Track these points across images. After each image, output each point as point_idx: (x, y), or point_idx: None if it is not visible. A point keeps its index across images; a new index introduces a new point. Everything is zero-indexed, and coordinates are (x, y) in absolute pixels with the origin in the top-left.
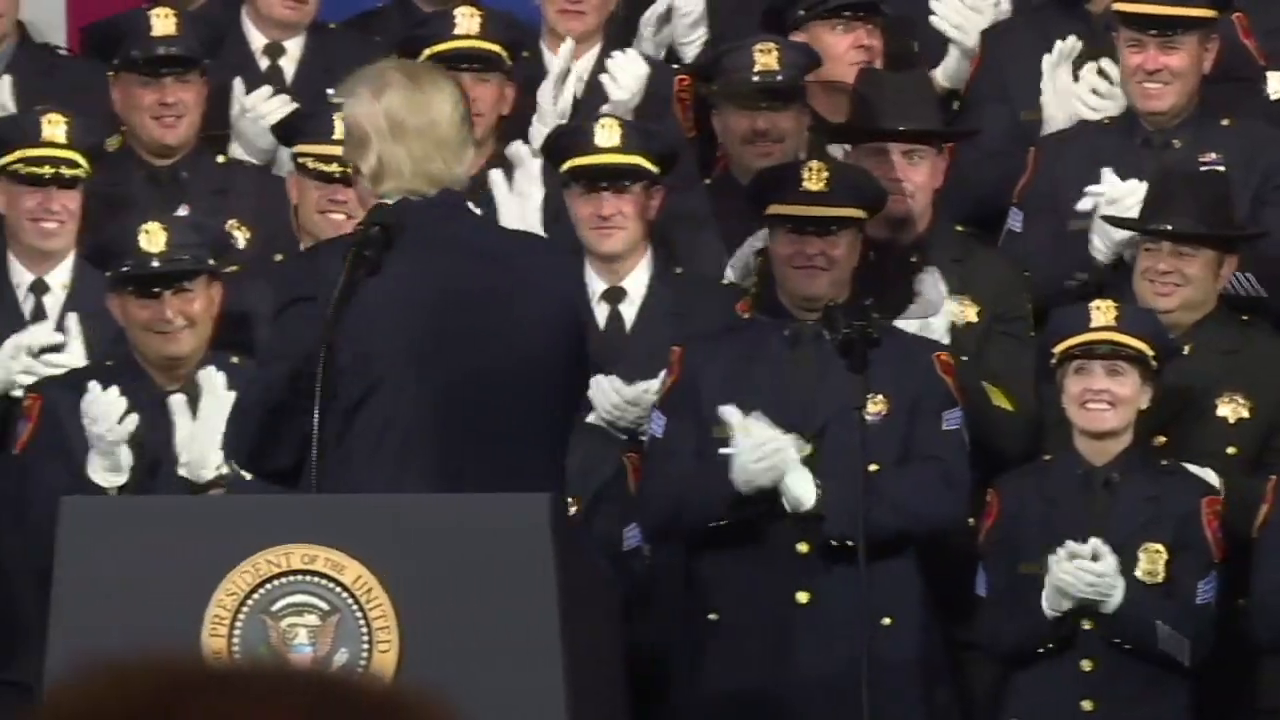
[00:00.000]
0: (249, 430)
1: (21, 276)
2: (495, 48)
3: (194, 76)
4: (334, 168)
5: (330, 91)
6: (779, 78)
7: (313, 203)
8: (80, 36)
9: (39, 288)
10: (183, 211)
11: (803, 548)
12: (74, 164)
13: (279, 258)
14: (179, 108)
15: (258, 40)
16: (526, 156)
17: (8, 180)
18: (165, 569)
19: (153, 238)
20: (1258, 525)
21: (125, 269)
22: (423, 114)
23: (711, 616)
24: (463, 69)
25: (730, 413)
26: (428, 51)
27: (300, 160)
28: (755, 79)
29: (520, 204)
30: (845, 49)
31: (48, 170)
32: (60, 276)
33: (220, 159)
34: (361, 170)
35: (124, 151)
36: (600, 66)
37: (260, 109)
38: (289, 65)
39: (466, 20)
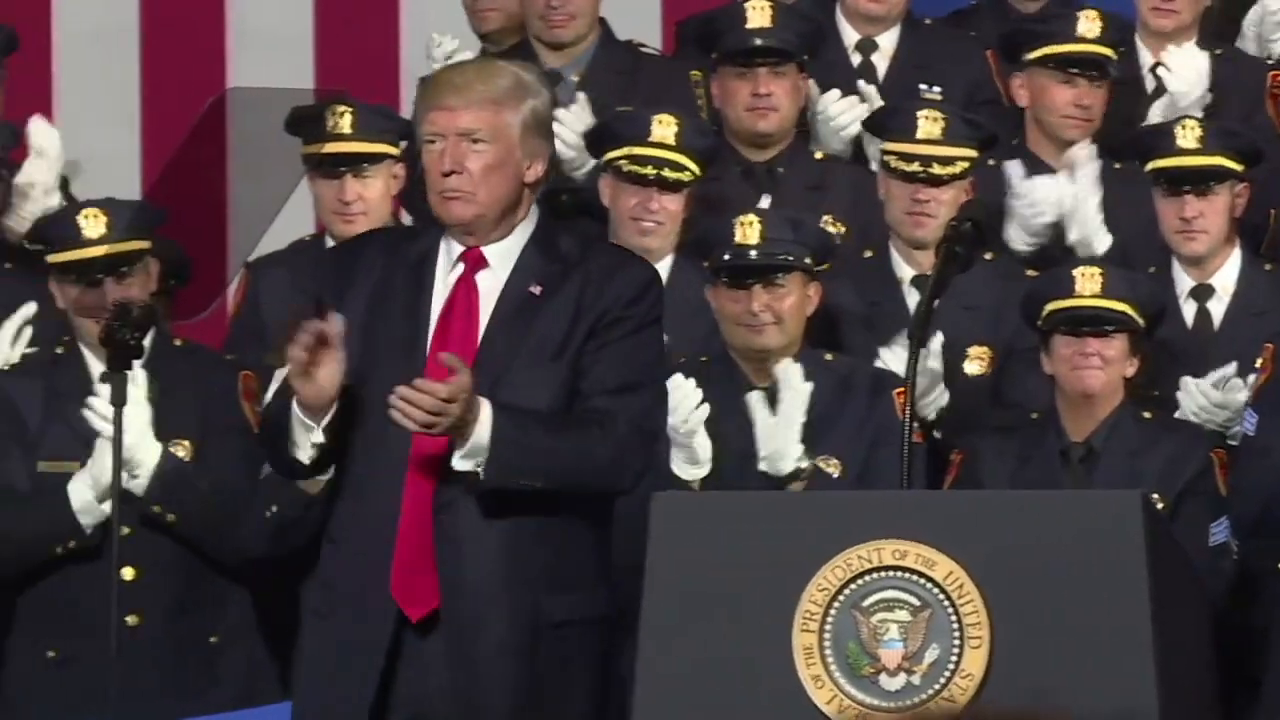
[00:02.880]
0: (651, 449)
1: None
2: (1110, 52)
3: (789, 69)
4: (915, 167)
5: (923, 86)
6: None
7: (898, 201)
8: (675, 32)
9: None
10: (764, 203)
11: None
12: (679, 166)
13: (869, 254)
14: (772, 99)
15: (851, 37)
16: (1086, 159)
17: (614, 176)
18: (756, 564)
19: (748, 230)
20: None
21: (721, 260)
22: None
23: None
24: (1073, 72)
25: None
26: (1042, 51)
27: (885, 158)
28: None
29: (1082, 205)
30: None
31: (651, 170)
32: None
33: (818, 155)
34: (536, 170)
35: (722, 147)
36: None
37: (829, 110)
38: (881, 61)
39: (1090, 23)
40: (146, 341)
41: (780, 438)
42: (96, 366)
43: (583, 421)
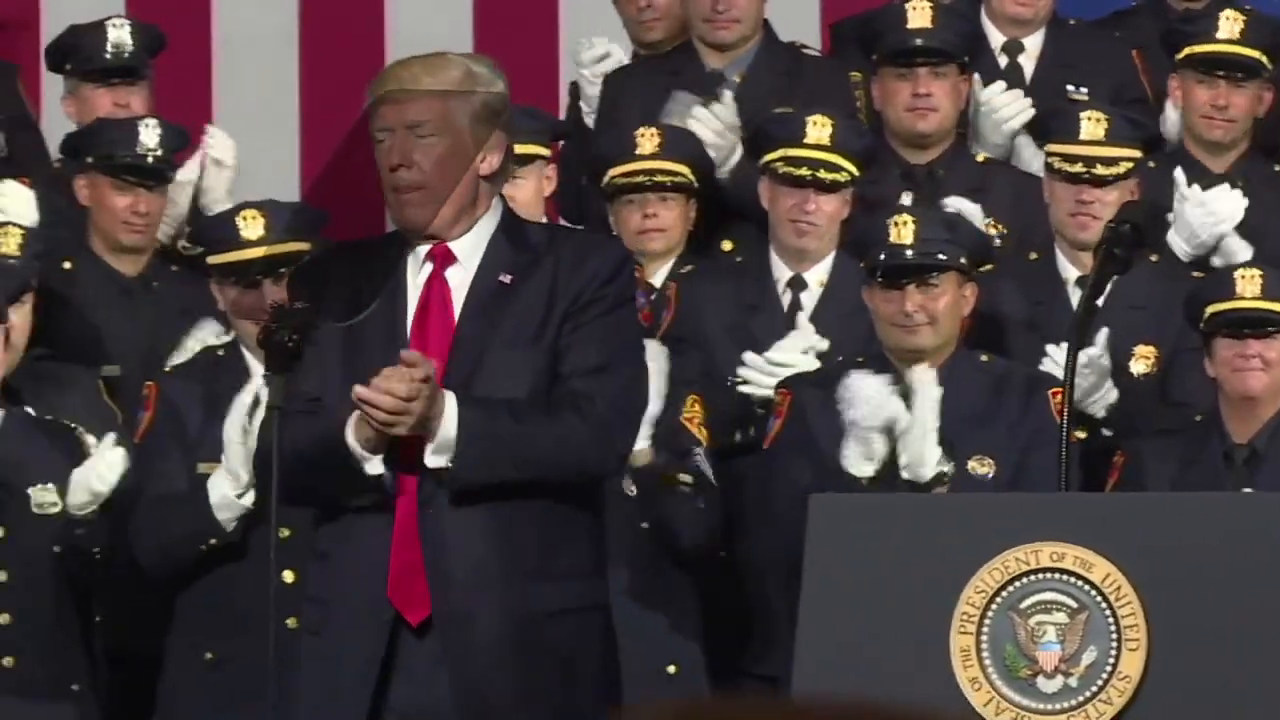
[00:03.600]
0: (634, 429)
1: (781, 272)
2: (1256, 54)
3: (949, 70)
4: (1079, 168)
5: (1070, 88)
6: None
7: (1062, 203)
8: (830, 33)
9: (797, 284)
10: (905, 199)
11: None
12: (834, 167)
13: (1034, 256)
14: (932, 100)
15: (997, 38)
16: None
17: (771, 179)
18: (914, 565)
19: (903, 230)
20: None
21: (876, 260)
22: None
23: None
24: (1218, 75)
25: None
26: (1185, 51)
27: (1049, 160)
28: None
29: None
30: None
31: (806, 172)
32: (819, 274)
33: (980, 157)
34: (491, 162)
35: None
36: None
37: (994, 103)
38: (1028, 63)
39: (1229, 24)
40: None
41: (916, 444)
42: (257, 368)
43: (558, 406)
